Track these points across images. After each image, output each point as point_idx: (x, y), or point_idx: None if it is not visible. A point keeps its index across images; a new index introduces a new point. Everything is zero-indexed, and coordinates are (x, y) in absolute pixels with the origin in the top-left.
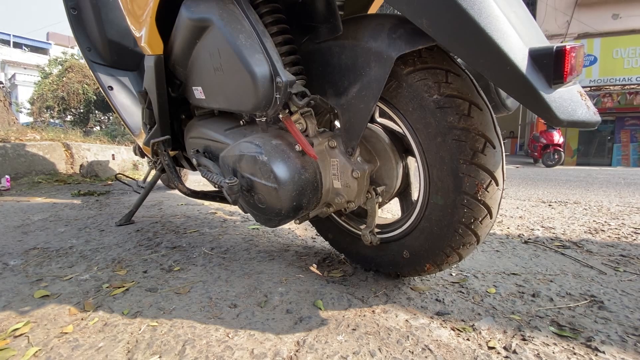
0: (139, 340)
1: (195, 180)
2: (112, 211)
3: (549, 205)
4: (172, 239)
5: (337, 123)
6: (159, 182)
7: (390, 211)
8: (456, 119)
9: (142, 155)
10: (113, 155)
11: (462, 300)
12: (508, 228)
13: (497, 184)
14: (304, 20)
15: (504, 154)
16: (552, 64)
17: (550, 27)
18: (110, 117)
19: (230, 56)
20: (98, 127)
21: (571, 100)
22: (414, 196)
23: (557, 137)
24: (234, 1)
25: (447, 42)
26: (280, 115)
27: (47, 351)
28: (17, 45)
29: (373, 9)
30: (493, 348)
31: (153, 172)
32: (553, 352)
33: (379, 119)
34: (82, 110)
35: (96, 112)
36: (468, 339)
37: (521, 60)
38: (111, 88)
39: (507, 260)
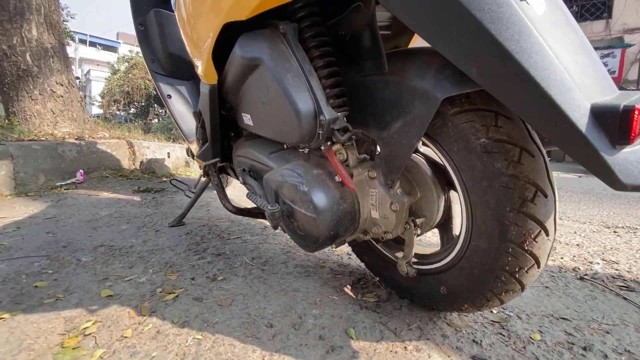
0: (186, 354)
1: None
2: (166, 210)
3: (614, 231)
4: (217, 245)
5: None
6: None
7: (429, 237)
8: (505, 165)
9: (194, 157)
10: (168, 153)
11: (501, 344)
12: (562, 258)
13: (547, 234)
14: (350, 54)
15: (557, 202)
16: (617, 124)
17: (630, 19)
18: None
19: (277, 93)
20: (156, 120)
21: (638, 162)
22: (455, 231)
23: None
24: (283, 40)
25: (498, 94)
26: (322, 147)
27: (110, 354)
28: (92, 44)
29: (417, 41)
30: None
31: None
32: None
33: (422, 149)
34: (143, 104)
35: (155, 105)
36: None
37: (581, 118)
38: (169, 96)
39: (557, 301)
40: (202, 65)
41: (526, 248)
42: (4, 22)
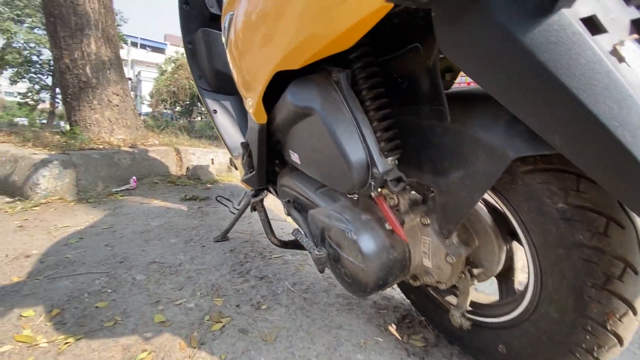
0: None
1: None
2: (211, 222)
3: None
4: (260, 266)
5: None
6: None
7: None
8: (587, 237)
9: (236, 168)
10: (212, 159)
11: None
12: None
13: (635, 314)
14: (405, 94)
15: None
16: None
17: None
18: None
19: (328, 143)
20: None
21: None
22: (517, 284)
23: None
24: (336, 88)
25: (587, 168)
26: (372, 194)
27: None
28: (142, 46)
29: None
30: None
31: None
32: None
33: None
34: (187, 102)
35: (198, 104)
36: None
37: None
38: (215, 111)
39: None
40: (251, 105)
41: (609, 328)
42: (66, 38)
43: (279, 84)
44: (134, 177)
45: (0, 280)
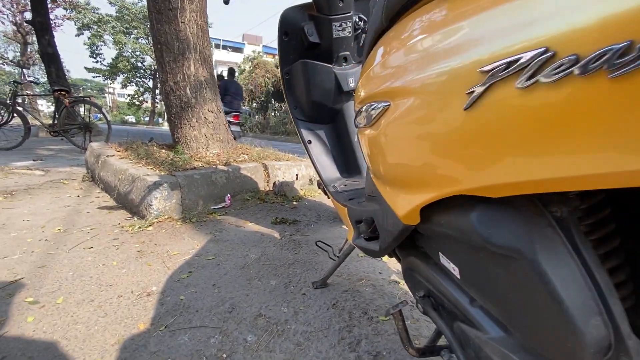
0: None
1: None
2: (305, 257)
3: None
4: (369, 335)
5: None
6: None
7: None
8: None
9: (325, 192)
10: (297, 175)
11: None
12: None
13: None
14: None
15: None
16: None
17: None
18: (283, 107)
19: (546, 305)
20: (273, 114)
21: None
22: None
23: None
24: (557, 229)
25: None
26: None
27: None
28: (224, 47)
29: None
30: None
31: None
32: None
33: None
34: (263, 99)
35: (273, 100)
36: None
37: None
38: (310, 142)
39: None
40: (402, 207)
41: None
42: (170, 62)
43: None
44: (229, 195)
45: (130, 326)
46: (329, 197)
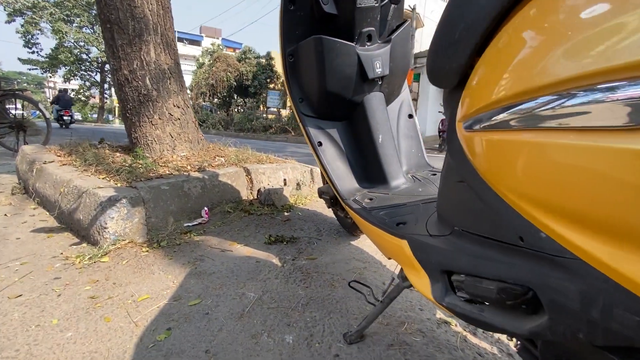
0: None
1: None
2: (320, 293)
3: None
4: None
5: None
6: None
7: None
8: None
9: (330, 206)
10: (285, 180)
11: None
12: None
13: None
14: None
15: None
16: None
17: None
18: (247, 102)
19: None
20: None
21: None
22: None
23: None
24: None
25: None
26: None
27: None
28: (180, 39)
29: None
30: None
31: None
32: None
33: None
34: (225, 94)
35: (235, 96)
36: None
37: None
38: (320, 144)
39: None
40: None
41: None
42: (125, 46)
43: None
44: (206, 209)
45: None
46: (339, 212)
